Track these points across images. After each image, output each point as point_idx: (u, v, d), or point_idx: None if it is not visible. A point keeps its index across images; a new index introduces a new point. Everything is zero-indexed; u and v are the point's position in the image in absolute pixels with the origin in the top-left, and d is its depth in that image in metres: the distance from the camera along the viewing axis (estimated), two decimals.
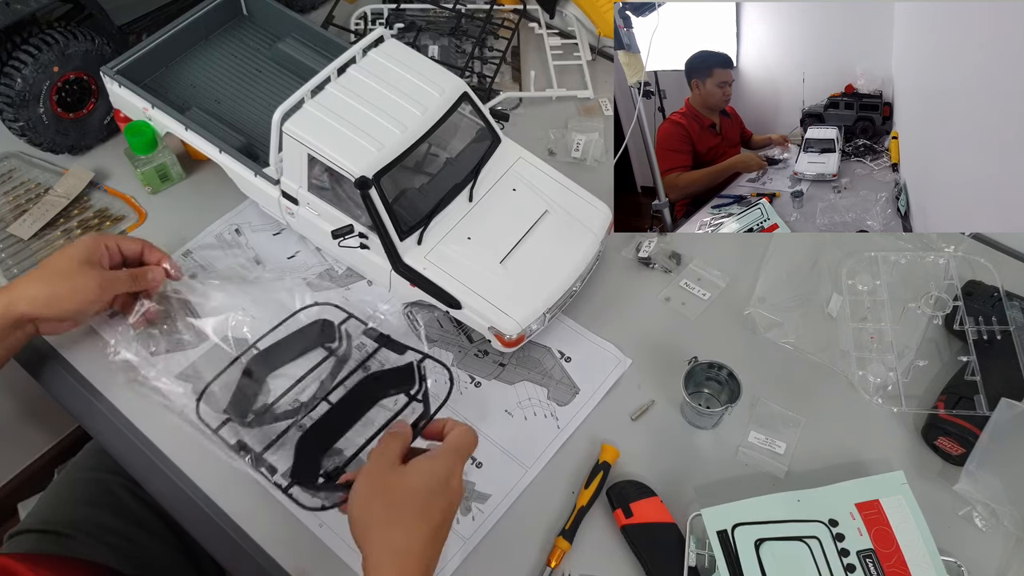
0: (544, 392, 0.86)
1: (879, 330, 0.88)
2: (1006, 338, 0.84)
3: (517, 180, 0.89)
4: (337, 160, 0.78)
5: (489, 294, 0.81)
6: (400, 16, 1.18)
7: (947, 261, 0.92)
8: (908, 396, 0.84)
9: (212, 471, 0.79)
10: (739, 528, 0.74)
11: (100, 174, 1.02)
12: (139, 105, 0.92)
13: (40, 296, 0.76)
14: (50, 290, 0.77)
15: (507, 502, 0.79)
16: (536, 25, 1.23)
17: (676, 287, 0.95)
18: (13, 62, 0.91)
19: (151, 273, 0.84)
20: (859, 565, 0.72)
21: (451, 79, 0.86)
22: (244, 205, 0.99)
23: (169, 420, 0.82)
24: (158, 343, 0.86)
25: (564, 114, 1.12)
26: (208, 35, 1.01)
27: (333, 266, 0.95)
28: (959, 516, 0.78)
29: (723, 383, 0.83)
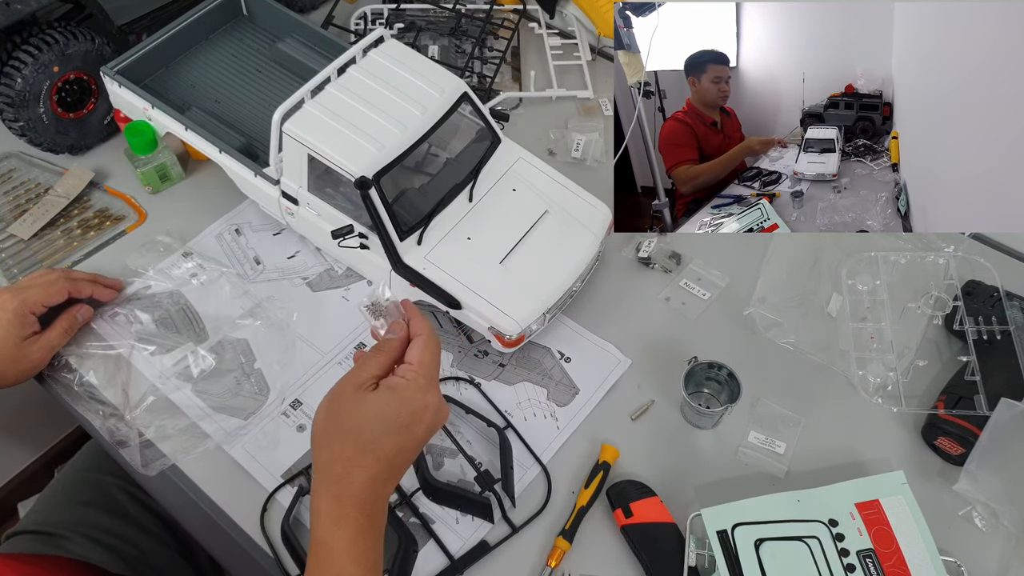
0: (544, 392, 0.86)
1: (879, 330, 0.88)
2: (1006, 338, 0.84)
3: (517, 180, 0.89)
4: (337, 160, 0.78)
5: (489, 294, 0.81)
6: (400, 16, 1.18)
7: (947, 261, 0.92)
8: (908, 396, 0.84)
9: (212, 471, 0.80)
10: (739, 528, 0.74)
11: (100, 174, 1.02)
12: (139, 105, 0.92)
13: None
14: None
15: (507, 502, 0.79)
16: (536, 25, 1.23)
17: (676, 287, 0.95)
18: (13, 62, 0.91)
19: (79, 313, 0.85)
20: (859, 565, 0.72)
21: (451, 79, 0.86)
22: (244, 205, 0.99)
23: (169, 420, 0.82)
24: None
25: (564, 114, 1.12)
26: (208, 35, 1.01)
27: (333, 266, 0.95)
28: (959, 516, 0.78)
29: (723, 383, 0.83)
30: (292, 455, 0.81)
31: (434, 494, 0.78)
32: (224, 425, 0.82)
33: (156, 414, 0.82)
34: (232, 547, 0.76)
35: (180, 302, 0.91)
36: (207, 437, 0.81)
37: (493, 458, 0.80)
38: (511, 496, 0.78)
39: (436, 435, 0.80)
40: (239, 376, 0.86)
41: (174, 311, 0.90)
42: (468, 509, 0.77)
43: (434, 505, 0.78)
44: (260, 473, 0.79)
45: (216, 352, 0.86)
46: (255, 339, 0.88)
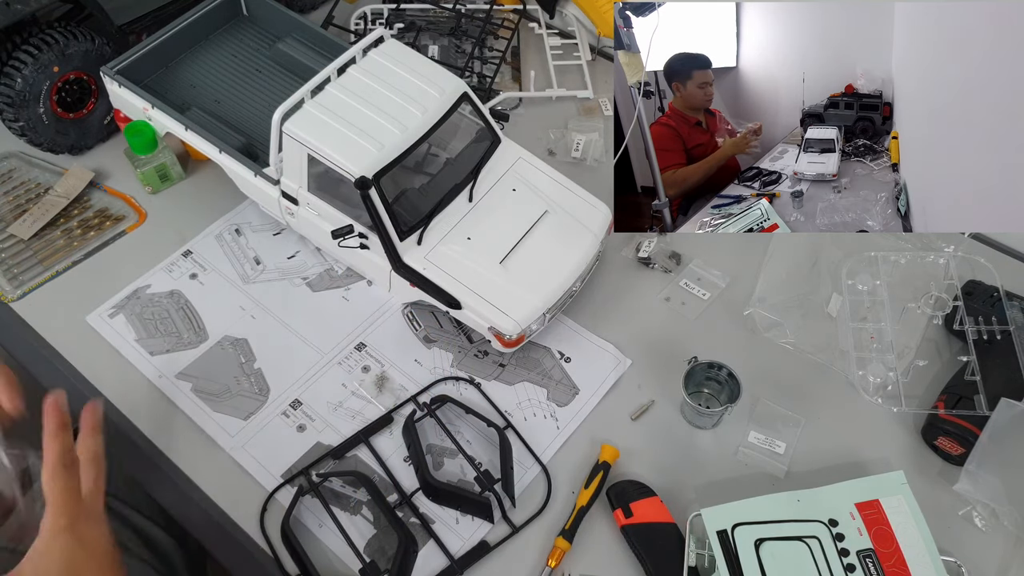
0: (544, 393, 0.86)
1: (879, 330, 0.88)
2: (1006, 338, 0.84)
3: (517, 180, 0.89)
4: (337, 160, 0.78)
5: (489, 294, 0.81)
6: (400, 16, 1.18)
7: (947, 261, 0.92)
8: (908, 396, 0.84)
9: (212, 471, 0.80)
10: (739, 528, 0.74)
11: (100, 174, 1.02)
12: (139, 105, 0.92)
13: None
14: None
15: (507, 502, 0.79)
16: (536, 25, 1.23)
17: (676, 287, 0.95)
18: (13, 62, 0.91)
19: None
20: (859, 565, 0.72)
21: (451, 79, 0.86)
22: (244, 205, 0.99)
23: (170, 420, 0.82)
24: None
25: (564, 114, 1.12)
26: (208, 35, 1.01)
27: (333, 266, 0.95)
28: (959, 516, 0.78)
29: (723, 383, 0.83)
30: (292, 455, 0.81)
31: (434, 494, 0.78)
32: (224, 425, 0.82)
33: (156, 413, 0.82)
34: (232, 547, 0.76)
35: (180, 302, 0.91)
36: (207, 437, 0.81)
37: (493, 458, 0.80)
38: (511, 496, 0.78)
39: (436, 435, 0.81)
40: (239, 376, 0.86)
41: (174, 311, 0.90)
42: (468, 509, 0.77)
43: (434, 505, 0.78)
44: (260, 473, 0.79)
45: (216, 352, 0.86)
46: (255, 339, 0.88)
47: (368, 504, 0.78)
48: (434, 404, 0.83)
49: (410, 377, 0.87)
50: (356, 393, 0.85)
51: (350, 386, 0.86)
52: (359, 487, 0.78)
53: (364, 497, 0.78)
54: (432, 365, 0.88)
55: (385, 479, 0.79)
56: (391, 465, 0.80)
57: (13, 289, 0.91)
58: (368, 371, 0.87)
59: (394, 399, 0.85)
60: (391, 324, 0.90)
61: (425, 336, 0.88)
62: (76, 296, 0.91)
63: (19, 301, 0.91)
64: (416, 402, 0.84)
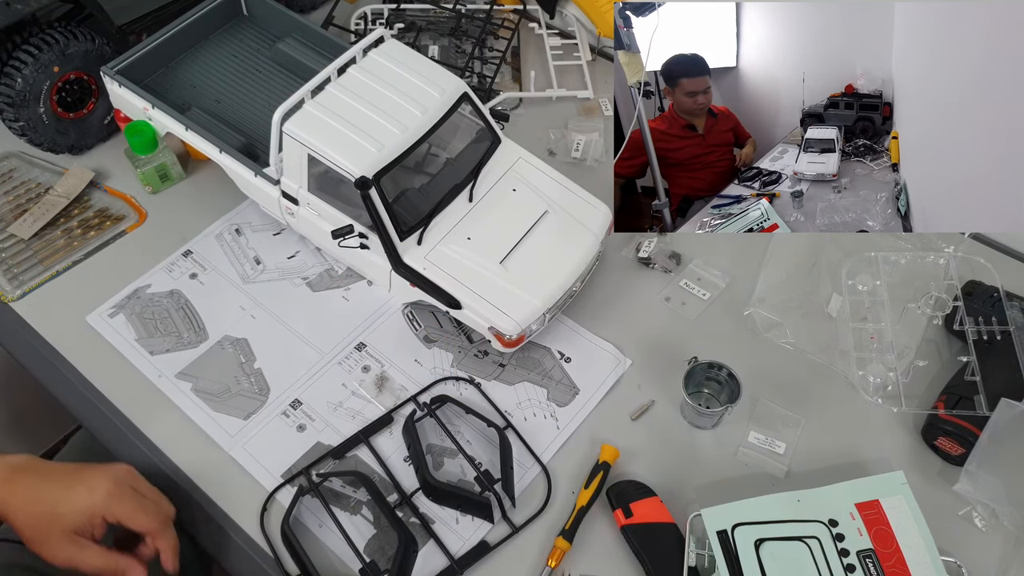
0: (544, 393, 0.86)
1: (879, 330, 0.88)
2: (1006, 338, 0.84)
3: (517, 180, 0.89)
4: (337, 160, 0.78)
5: (489, 294, 0.81)
6: (400, 16, 1.18)
7: (947, 261, 0.92)
8: (908, 396, 0.84)
9: (212, 471, 0.80)
10: (739, 528, 0.74)
11: (100, 174, 1.02)
12: (139, 105, 0.92)
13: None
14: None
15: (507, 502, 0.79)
16: (536, 25, 1.23)
17: (676, 287, 0.95)
18: (13, 62, 0.91)
19: (128, 569, 0.71)
20: (859, 565, 0.72)
21: (451, 79, 0.86)
22: (244, 205, 0.99)
23: (170, 420, 0.82)
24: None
25: (564, 114, 1.12)
26: (208, 35, 1.02)
27: (333, 266, 0.95)
28: (959, 516, 0.78)
29: (723, 383, 0.83)
30: (292, 455, 0.81)
31: (434, 494, 0.78)
32: (224, 425, 0.82)
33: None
34: (232, 547, 0.76)
35: (180, 302, 0.91)
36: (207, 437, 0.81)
37: (493, 458, 0.80)
38: (511, 496, 0.78)
39: (436, 435, 0.81)
40: (239, 376, 0.86)
41: (174, 311, 0.90)
42: (468, 509, 0.77)
43: (434, 505, 0.78)
44: (260, 473, 0.79)
45: (216, 352, 0.86)
46: (255, 339, 0.88)
47: (368, 504, 0.78)
48: (434, 404, 0.83)
49: (410, 377, 0.87)
50: (356, 393, 0.85)
51: (350, 386, 0.86)
52: (359, 487, 0.78)
53: (364, 497, 0.78)
54: (432, 365, 0.88)
55: (385, 479, 0.79)
56: (391, 465, 0.80)
57: (13, 289, 0.91)
58: (368, 371, 0.87)
59: (394, 399, 0.85)
60: (391, 324, 0.90)
61: (425, 336, 0.88)
62: (76, 296, 0.91)
63: (19, 301, 0.91)
64: (416, 402, 0.84)
